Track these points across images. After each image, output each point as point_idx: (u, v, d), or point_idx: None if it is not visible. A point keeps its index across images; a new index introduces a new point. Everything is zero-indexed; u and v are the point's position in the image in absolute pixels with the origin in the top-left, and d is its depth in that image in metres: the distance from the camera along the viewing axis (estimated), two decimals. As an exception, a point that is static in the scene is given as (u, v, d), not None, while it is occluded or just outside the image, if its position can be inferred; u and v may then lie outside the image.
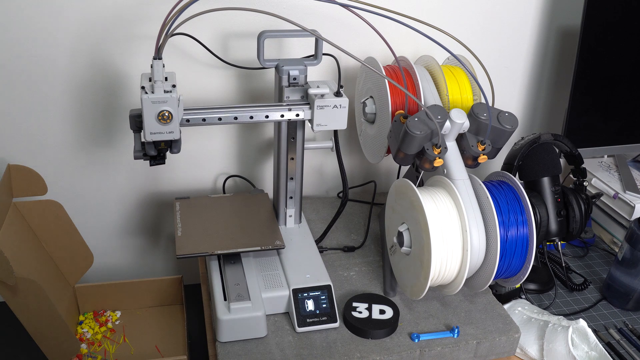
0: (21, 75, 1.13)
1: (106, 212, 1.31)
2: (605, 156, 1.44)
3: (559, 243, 1.12)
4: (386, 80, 1.04)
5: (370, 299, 1.03)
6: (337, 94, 1.00)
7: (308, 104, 1.01)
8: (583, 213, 1.11)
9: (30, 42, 1.11)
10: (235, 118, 0.98)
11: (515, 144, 1.15)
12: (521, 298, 1.10)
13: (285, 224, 1.18)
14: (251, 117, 0.99)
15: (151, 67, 0.88)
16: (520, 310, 1.06)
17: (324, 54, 1.06)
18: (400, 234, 0.97)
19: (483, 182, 0.97)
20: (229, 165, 1.34)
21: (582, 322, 0.98)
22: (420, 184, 1.07)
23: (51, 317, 0.99)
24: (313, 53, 1.06)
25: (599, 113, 1.32)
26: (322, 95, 0.99)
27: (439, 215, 0.92)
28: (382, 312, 1.00)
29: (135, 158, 0.96)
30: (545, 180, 1.10)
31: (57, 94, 1.16)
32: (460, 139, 1.00)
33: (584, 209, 1.11)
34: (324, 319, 0.98)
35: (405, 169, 1.17)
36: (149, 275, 1.39)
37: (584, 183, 1.15)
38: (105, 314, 1.22)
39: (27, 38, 1.10)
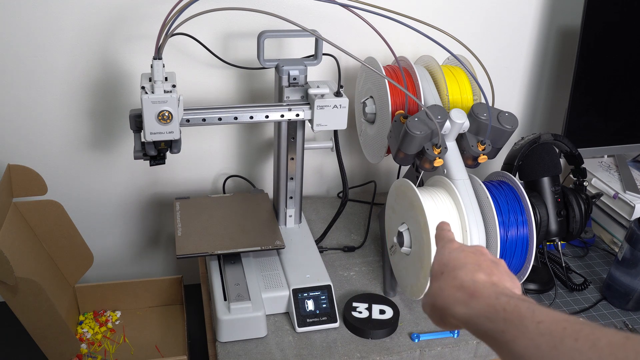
0: (21, 75, 1.13)
1: (106, 212, 1.31)
2: (605, 156, 1.44)
3: (559, 243, 1.12)
4: (386, 80, 1.04)
5: (370, 299, 1.03)
6: (337, 94, 1.00)
7: (308, 104, 1.01)
8: (583, 213, 1.10)
9: (31, 42, 1.11)
10: (235, 118, 0.98)
11: (515, 144, 1.15)
12: (521, 298, 1.10)
13: (285, 224, 1.18)
14: (251, 117, 0.99)
15: (151, 67, 0.88)
16: (520, 310, 1.05)
17: (324, 54, 1.06)
18: (400, 234, 0.97)
19: (483, 182, 0.97)
20: (229, 165, 1.34)
21: (582, 322, 0.98)
22: (420, 184, 1.07)
23: (51, 317, 0.99)
24: (313, 53, 1.06)
25: (599, 113, 1.31)
26: (322, 95, 0.99)
27: (439, 215, 0.92)
28: (382, 312, 1.00)
29: (135, 158, 0.96)
30: (545, 180, 1.10)
31: (57, 94, 1.16)
32: (460, 139, 1.00)
33: (584, 209, 1.11)
34: (324, 319, 0.98)
35: (405, 169, 1.17)
36: (149, 275, 1.39)
37: (584, 183, 1.15)
38: (105, 314, 1.22)
39: (27, 38, 1.10)
